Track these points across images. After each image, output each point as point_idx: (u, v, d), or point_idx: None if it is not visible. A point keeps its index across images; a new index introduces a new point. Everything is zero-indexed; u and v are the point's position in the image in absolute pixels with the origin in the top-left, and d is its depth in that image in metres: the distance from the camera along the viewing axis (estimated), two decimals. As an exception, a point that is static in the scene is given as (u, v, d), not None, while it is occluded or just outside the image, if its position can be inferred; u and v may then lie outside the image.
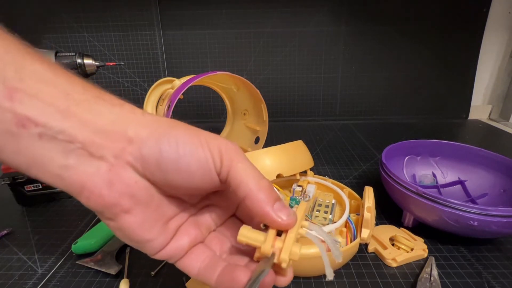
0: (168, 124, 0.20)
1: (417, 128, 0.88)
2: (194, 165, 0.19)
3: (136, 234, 0.20)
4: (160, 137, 0.19)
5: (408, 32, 0.88)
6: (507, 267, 0.37)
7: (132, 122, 0.19)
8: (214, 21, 0.86)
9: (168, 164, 0.19)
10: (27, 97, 0.16)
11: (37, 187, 0.49)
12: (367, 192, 0.38)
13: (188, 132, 0.20)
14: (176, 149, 0.19)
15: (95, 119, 0.18)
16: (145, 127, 0.19)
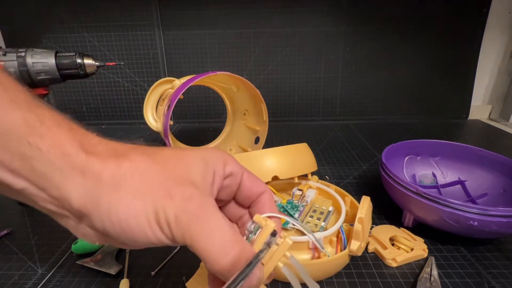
0: (110, 194, 0.17)
1: (417, 128, 0.88)
2: (143, 241, 0.18)
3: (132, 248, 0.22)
4: (104, 218, 0.17)
5: (408, 32, 0.88)
6: (507, 267, 0.37)
7: (74, 192, 0.17)
8: (214, 21, 0.86)
9: (120, 239, 0.18)
10: None
11: (37, 187, 0.49)
12: (362, 202, 0.37)
13: (133, 207, 0.17)
14: (120, 230, 0.18)
15: (42, 184, 0.17)
16: (89, 199, 0.17)
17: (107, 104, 0.93)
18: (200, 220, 0.17)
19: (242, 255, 0.18)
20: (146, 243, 0.18)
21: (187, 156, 0.20)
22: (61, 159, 0.17)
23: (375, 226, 0.43)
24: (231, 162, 0.22)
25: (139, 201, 0.17)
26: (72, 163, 0.17)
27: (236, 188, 0.23)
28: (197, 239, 0.17)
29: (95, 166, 0.17)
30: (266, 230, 0.21)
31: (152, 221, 0.17)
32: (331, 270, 0.36)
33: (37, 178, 0.17)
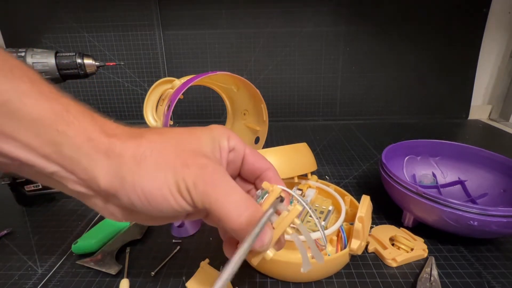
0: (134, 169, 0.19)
1: (417, 128, 0.88)
2: (168, 211, 0.20)
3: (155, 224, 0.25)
4: (130, 192, 0.19)
5: (408, 32, 0.88)
6: (507, 267, 0.37)
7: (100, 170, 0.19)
8: (214, 21, 0.86)
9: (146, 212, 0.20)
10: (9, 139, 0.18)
11: (37, 187, 0.49)
12: (362, 201, 0.37)
13: (154, 177, 0.19)
14: (149, 204, 0.19)
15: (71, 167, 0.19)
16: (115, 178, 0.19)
17: (107, 104, 0.93)
18: (215, 185, 0.19)
19: (256, 216, 0.20)
20: (170, 211, 0.20)
21: (196, 132, 0.23)
22: (87, 144, 0.19)
23: (375, 226, 0.43)
24: (234, 137, 0.24)
25: (160, 174, 0.19)
26: (96, 146, 0.19)
27: (240, 163, 0.25)
28: (215, 202, 0.19)
29: (117, 147, 0.19)
30: (273, 194, 0.22)
31: (174, 190, 0.19)
32: (332, 269, 0.36)
33: (66, 162, 0.18)
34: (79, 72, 0.47)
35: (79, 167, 0.19)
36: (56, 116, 0.18)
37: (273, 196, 0.22)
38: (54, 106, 0.18)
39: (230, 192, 0.20)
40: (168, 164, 0.20)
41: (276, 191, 0.22)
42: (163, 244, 0.41)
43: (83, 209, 0.49)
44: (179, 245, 0.41)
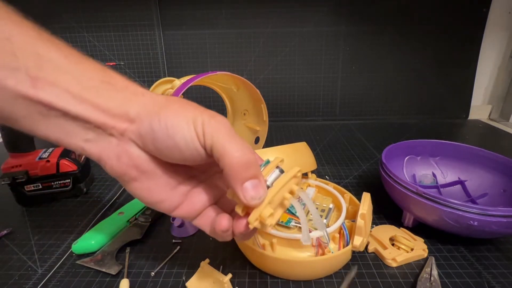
0: (162, 103, 0.23)
1: (417, 128, 0.88)
2: (181, 143, 0.22)
3: (147, 197, 0.24)
4: (153, 118, 0.22)
5: (408, 32, 0.88)
6: (507, 267, 0.37)
7: (133, 104, 0.22)
8: (214, 21, 0.86)
9: (160, 142, 0.22)
10: (47, 85, 0.20)
11: (37, 187, 0.49)
12: (363, 199, 0.37)
13: (178, 112, 0.22)
14: (165, 129, 0.22)
15: (103, 103, 0.21)
16: (143, 108, 0.22)
17: (107, 104, 0.93)
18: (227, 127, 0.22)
19: (256, 164, 0.22)
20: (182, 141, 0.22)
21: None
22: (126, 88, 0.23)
23: (375, 226, 0.43)
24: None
25: (183, 112, 0.22)
26: (134, 91, 0.23)
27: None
28: (221, 137, 0.21)
29: (153, 94, 0.23)
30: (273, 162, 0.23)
31: (190, 123, 0.22)
32: (334, 266, 0.36)
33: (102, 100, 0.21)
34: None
35: (115, 103, 0.22)
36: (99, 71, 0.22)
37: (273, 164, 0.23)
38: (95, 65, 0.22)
39: (234, 136, 0.22)
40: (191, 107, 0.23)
41: (277, 159, 0.24)
42: (163, 244, 0.41)
43: (83, 209, 0.49)
44: (179, 245, 0.41)
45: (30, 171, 0.48)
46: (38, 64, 0.19)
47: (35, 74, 0.19)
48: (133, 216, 0.45)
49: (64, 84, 0.20)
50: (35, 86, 0.19)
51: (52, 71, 0.20)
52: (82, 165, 0.52)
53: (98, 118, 0.21)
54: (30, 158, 0.49)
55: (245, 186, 0.21)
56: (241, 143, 0.22)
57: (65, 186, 0.51)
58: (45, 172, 0.49)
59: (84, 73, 0.21)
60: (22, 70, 0.19)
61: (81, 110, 0.21)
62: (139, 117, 0.22)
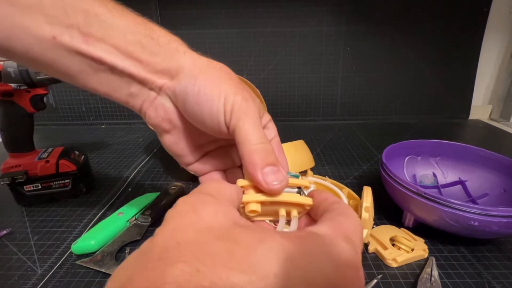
0: (202, 67, 0.24)
1: (417, 128, 0.88)
2: (207, 114, 0.23)
3: (173, 149, 0.27)
4: (189, 80, 0.23)
5: (408, 32, 0.88)
6: (508, 267, 0.37)
7: (174, 61, 0.23)
8: (214, 21, 0.86)
9: (190, 106, 0.23)
10: (96, 42, 0.21)
11: (37, 187, 0.49)
12: (365, 192, 0.37)
13: (214, 82, 0.23)
14: (197, 96, 0.23)
15: (147, 59, 0.23)
16: (183, 67, 0.23)
17: (107, 104, 0.93)
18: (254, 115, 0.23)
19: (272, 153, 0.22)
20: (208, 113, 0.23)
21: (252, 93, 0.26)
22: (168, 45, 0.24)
23: (376, 226, 0.43)
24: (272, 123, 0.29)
25: (220, 83, 0.23)
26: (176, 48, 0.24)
27: None
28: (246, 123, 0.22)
29: (194, 54, 0.25)
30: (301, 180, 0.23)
31: (222, 98, 0.22)
32: None
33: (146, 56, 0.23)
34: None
35: (157, 59, 0.23)
36: (141, 24, 0.23)
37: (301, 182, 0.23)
38: (138, 19, 0.23)
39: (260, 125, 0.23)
40: (230, 80, 0.23)
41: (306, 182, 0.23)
42: (163, 244, 0.41)
43: (83, 209, 0.49)
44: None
45: (29, 171, 0.48)
46: (86, 21, 0.20)
47: (86, 31, 0.21)
48: (133, 216, 0.45)
49: (111, 40, 0.21)
50: (87, 42, 0.21)
51: (99, 27, 0.21)
52: (81, 165, 0.52)
53: (141, 73, 0.23)
54: (29, 158, 0.49)
55: (266, 171, 0.21)
56: (262, 135, 0.22)
57: (65, 186, 0.51)
58: (45, 172, 0.49)
59: (128, 27, 0.22)
60: (74, 27, 0.20)
61: (127, 65, 0.22)
62: (177, 75, 0.23)
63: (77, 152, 0.53)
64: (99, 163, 0.66)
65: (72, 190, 0.51)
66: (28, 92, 0.46)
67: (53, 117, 0.94)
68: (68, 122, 0.94)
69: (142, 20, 0.23)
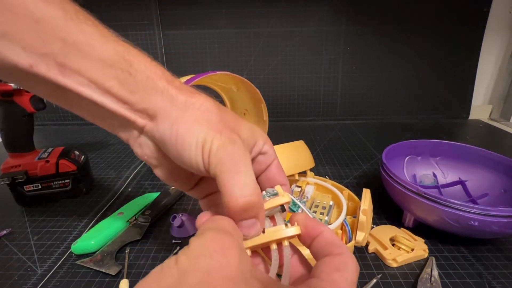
0: (179, 108, 0.22)
1: (417, 128, 0.88)
2: (187, 162, 0.22)
3: (166, 181, 0.26)
4: (166, 125, 0.22)
5: (408, 32, 0.88)
6: (508, 267, 0.37)
7: (151, 102, 0.22)
8: (214, 21, 0.86)
9: (169, 152, 0.23)
10: (73, 74, 0.20)
11: (37, 187, 0.49)
12: (364, 195, 0.37)
13: (191, 126, 0.21)
14: (175, 144, 0.22)
15: (125, 97, 0.21)
16: (160, 108, 0.22)
17: (107, 104, 0.93)
18: (235, 160, 0.21)
19: (257, 205, 0.20)
20: (187, 161, 0.22)
21: (241, 119, 0.25)
22: (147, 81, 0.21)
23: (375, 226, 0.43)
24: (269, 144, 0.26)
25: (197, 127, 0.21)
26: (154, 85, 0.22)
27: (264, 168, 0.26)
28: (226, 172, 0.20)
29: (173, 91, 0.22)
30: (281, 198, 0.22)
31: (199, 144, 0.21)
32: None
33: (124, 94, 0.21)
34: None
35: (135, 98, 0.21)
36: (119, 56, 0.21)
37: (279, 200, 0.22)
38: (117, 47, 0.21)
39: (244, 173, 0.20)
40: (207, 123, 0.22)
41: (286, 197, 0.22)
42: (163, 244, 0.41)
43: (83, 209, 0.49)
44: (179, 245, 0.41)
45: (29, 171, 0.48)
46: (63, 50, 0.19)
47: (62, 61, 0.20)
48: (133, 216, 0.45)
49: (88, 73, 0.20)
50: (63, 73, 0.20)
51: (76, 57, 0.20)
52: (81, 165, 0.52)
53: (121, 111, 0.22)
54: (29, 158, 0.49)
55: (241, 224, 0.20)
56: (244, 182, 0.20)
57: (65, 186, 0.51)
58: (45, 172, 0.49)
59: (106, 59, 0.21)
60: (50, 56, 0.19)
61: (106, 101, 0.21)
62: (156, 118, 0.22)
63: (77, 152, 0.53)
64: (99, 163, 0.66)
65: (72, 190, 0.51)
66: (28, 92, 0.46)
67: (53, 117, 0.94)
68: (68, 122, 0.94)
69: (122, 48, 0.21)
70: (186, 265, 0.16)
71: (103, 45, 0.21)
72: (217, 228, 0.19)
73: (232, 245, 0.17)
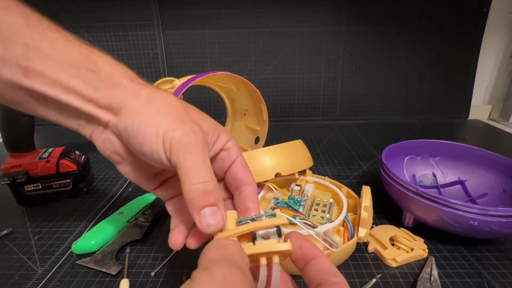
0: (142, 101, 0.22)
1: (417, 128, 0.88)
2: (148, 153, 0.22)
3: (129, 178, 0.26)
4: (128, 118, 0.22)
5: (408, 32, 0.88)
6: (507, 267, 0.37)
7: (116, 97, 0.22)
8: (214, 21, 0.86)
9: (131, 144, 0.23)
10: (37, 75, 0.21)
11: (37, 187, 0.49)
12: (364, 191, 0.38)
13: (152, 119, 0.22)
14: (136, 135, 0.22)
15: (90, 94, 0.22)
16: (124, 103, 0.22)
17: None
18: (195, 149, 0.21)
19: (214, 191, 0.21)
20: (149, 153, 0.22)
21: (204, 114, 0.25)
22: (110, 78, 0.22)
23: (375, 226, 0.43)
24: (233, 141, 0.26)
25: (159, 118, 0.22)
26: (118, 82, 0.22)
27: (227, 166, 0.26)
28: (186, 159, 0.21)
29: (136, 86, 0.23)
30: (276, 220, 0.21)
31: (160, 134, 0.21)
32: (340, 259, 0.37)
33: (88, 91, 0.22)
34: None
35: (99, 94, 0.22)
36: (83, 56, 0.22)
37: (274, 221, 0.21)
38: (81, 49, 0.22)
39: (203, 161, 0.21)
40: (170, 114, 0.22)
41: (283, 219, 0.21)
42: (163, 244, 0.41)
43: (83, 209, 0.49)
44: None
45: (30, 171, 0.48)
46: (26, 54, 0.20)
47: (25, 64, 0.20)
48: (133, 216, 0.45)
49: (52, 74, 0.21)
50: (27, 76, 0.20)
51: (40, 60, 0.20)
52: (82, 165, 0.52)
53: (85, 107, 0.22)
54: (30, 158, 0.49)
55: (203, 212, 0.20)
56: (204, 170, 0.21)
57: (65, 186, 0.51)
58: (45, 172, 0.49)
59: (70, 60, 0.21)
60: (12, 60, 0.20)
61: (71, 100, 0.22)
62: (119, 112, 0.22)
63: (77, 152, 0.53)
64: (100, 163, 0.66)
65: (73, 190, 0.51)
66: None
67: (53, 117, 0.94)
68: (68, 122, 0.94)
69: (86, 49, 0.22)
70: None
71: (67, 48, 0.21)
72: (226, 261, 0.18)
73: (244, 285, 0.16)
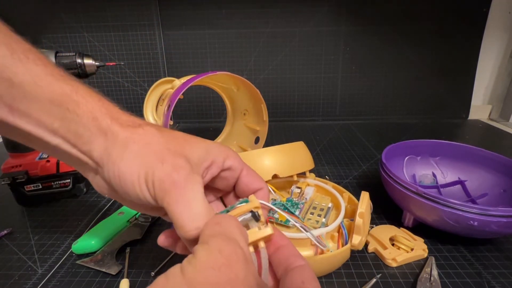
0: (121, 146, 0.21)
1: (417, 128, 0.88)
2: (135, 198, 0.21)
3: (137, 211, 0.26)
4: (110, 167, 0.21)
5: (408, 32, 0.88)
6: (507, 267, 0.37)
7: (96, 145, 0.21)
8: (214, 21, 0.86)
9: (117, 191, 0.22)
10: (22, 115, 0.20)
11: (37, 187, 0.49)
12: (362, 198, 0.37)
13: (131, 164, 0.21)
14: (119, 182, 0.21)
15: (73, 139, 0.21)
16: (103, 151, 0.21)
17: (107, 104, 0.93)
18: (181, 189, 0.20)
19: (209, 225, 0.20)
20: (135, 198, 0.21)
21: (193, 140, 0.24)
22: (91, 122, 0.21)
23: (375, 226, 0.43)
24: (232, 158, 0.24)
25: (137, 161, 0.21)
26: (99, 125, 0.21)
27: (233, 181, 0.25)
28: (173, 204, 0.20)
29: (116, 129, 0.21)
30: (248, 205, 0.21)
31: (142, 179, 0.20)
32: (333, 265, 0.36)
33: (71, 136, 0.21)
34: (79, 72, 0.47)
35: (82, 140, 0.21)
36: (66, 97, 0.20)
37: (246, 207, 0.21)
38: (64, 87, 0.21)
39: (192, 200, 0.20)
40: (148, 155, 0.21)
41: (253, 202, 0.21)
42: (163, 244, 0.41)
43: (83, 209, 0.49)
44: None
45: (30, 171, 0.48)
46: (9, 91, 0.19)
47: (9, 103, 0.19)
48: (133, 216, 0.45)
49: (35, 114, 0.20)
50: (13, 114, 0.20)
51: (22, 99, 0.20)
52: (82, 165, 0.52)
53: (72, 151, 0.22)
54: (30, 158, 0.49)
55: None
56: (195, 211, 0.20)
57: (65, 186, 0.51)
58: (45, 172, 0.49)
59: (53, 100, 0.20)
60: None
61: (57, 142, 0.21)
62: (101, 161, 0.22)
63: (77, 152, 0.53)
64: (99, 163, 0.66)
65: (73, 190, 0.51)
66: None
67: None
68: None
69: (69, 88, 0.21)
70: (193, 276, 0.16)
71: (50, 85, 0.20)
72: (224, 235, 0.18)
73: (239, 258, 0.17)
